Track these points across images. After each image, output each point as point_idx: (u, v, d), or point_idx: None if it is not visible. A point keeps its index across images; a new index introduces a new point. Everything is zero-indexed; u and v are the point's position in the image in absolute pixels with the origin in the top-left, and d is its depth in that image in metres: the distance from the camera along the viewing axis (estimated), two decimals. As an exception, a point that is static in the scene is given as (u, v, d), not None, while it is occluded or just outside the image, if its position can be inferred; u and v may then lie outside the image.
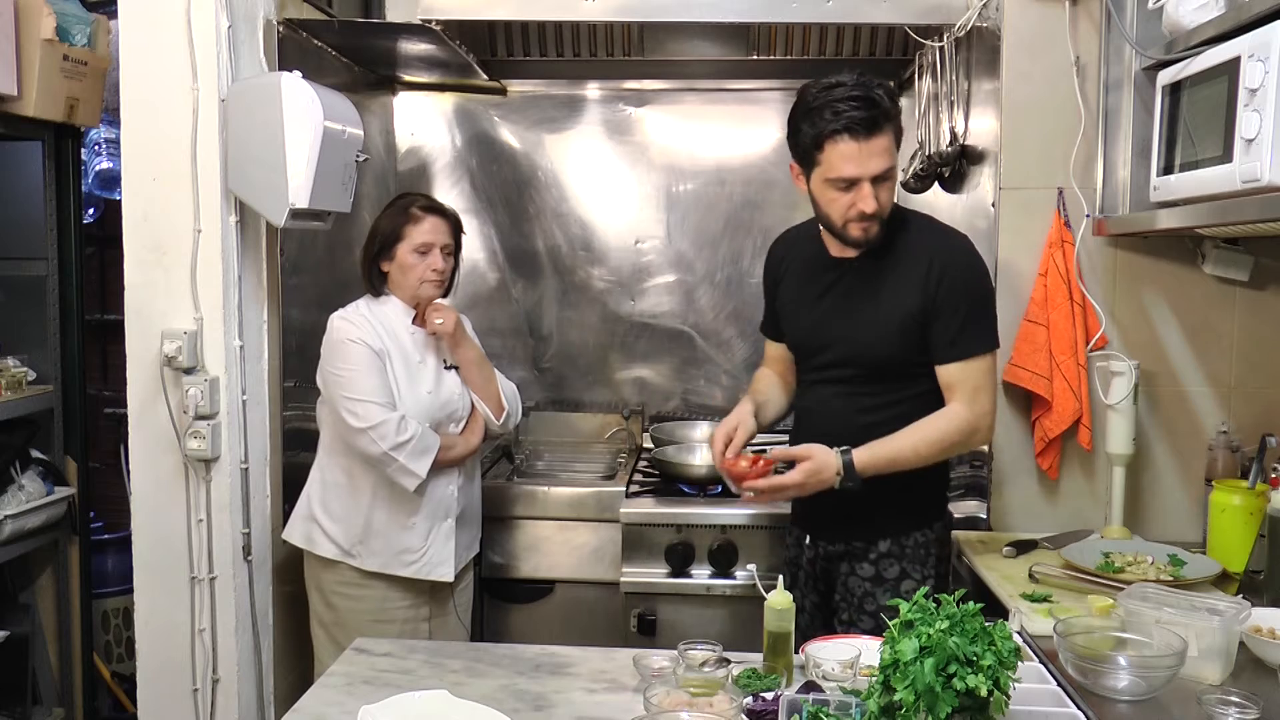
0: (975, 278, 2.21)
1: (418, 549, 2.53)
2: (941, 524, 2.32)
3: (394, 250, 2.53)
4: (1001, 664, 1.38)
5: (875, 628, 2.15)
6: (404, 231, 2.52)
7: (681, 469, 3.07)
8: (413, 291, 2.55)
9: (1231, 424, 2.53)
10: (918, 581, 2.22)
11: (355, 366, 2.43)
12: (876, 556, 2.25)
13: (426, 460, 2.45)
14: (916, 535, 2.24)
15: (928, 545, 2.25)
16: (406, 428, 2.42)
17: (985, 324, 2.20)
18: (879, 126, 2.08)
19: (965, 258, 2.21)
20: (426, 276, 2.53)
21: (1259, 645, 1.81)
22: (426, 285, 2.54)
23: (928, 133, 3.04)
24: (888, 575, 2.24)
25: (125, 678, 3.47)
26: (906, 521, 2.25)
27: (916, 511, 2.27)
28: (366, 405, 2.40)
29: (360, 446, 2.43)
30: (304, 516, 2.56)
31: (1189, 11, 2.14)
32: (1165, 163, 2.21)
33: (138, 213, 2.52)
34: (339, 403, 2.43)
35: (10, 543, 2.88)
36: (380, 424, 2.39)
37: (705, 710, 1.53)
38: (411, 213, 2.54)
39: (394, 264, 2.54)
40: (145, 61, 2.49)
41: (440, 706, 1.68)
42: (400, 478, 2.44)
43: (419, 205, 2.57)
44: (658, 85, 3.66)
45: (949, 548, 2.39)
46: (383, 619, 2.50)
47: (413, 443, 2.42)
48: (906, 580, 2.23)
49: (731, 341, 3.71)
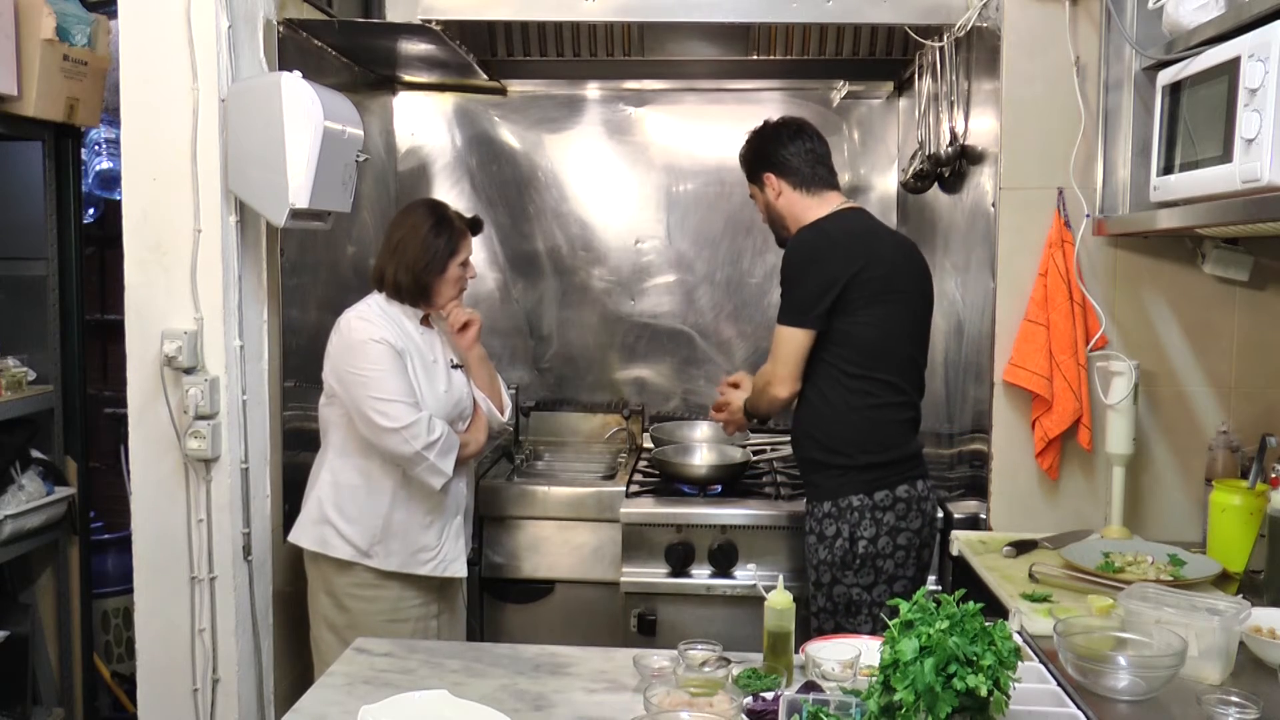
0: (784, 259, 2.54)
1: (433, 547, 2.54)
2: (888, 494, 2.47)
3: (447, 265, 2.56)
4: (1001, 664, 1.38)
5: (815, 579, 2.50)
6: (459, 247, 2.57)
7: (681, 469, 3.07)
8: (447, 299, 2.60)
9: (1231, 424, 2.53)
10: (846, 540, 2.45)
11: (380, 366, 2.43)
12: (820, 516, 2.50)
13: (453, 458, 2.48)
14: (853, 499, 2.46)
15: (863, 510, 2.45)
16: (435, 427, 2.44)
17: (785, 300, 2.51)
18: None
19: (790, 246, 2.55)
20: (463, 286, 2.63)
21: (1259, 645, 1.81)
22: (460, 293, 2.63)
23: (928, 133, 3.04)
24: (827, 533, 2.49)
25: (125, 678, 3.47)
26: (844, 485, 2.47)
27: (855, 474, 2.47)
28: (396, 405, 2.41)
29: (391, 447, 2.43)
30: (316, 520, 2.53)
31: (1189, 11, 2.13)
32: (1165, 163, 2.21)
33: (138, 213, 2.52)
34: (364, 404, 2.42)
35: (10, 543, 2.88)
36: (413, 423, 2.40)
37: (705, 710, 1.53)
38: (460, 228, 2.59)
39: (443, 278, 2.56)
40: (145, 61, 2.49)
41: (440, 706, 1.68)
42: (428, 477, 2.46)
43: (459, 220, 2.61)
44: (658, 85, 3.66)
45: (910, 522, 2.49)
46: (397, 618, 2.51)
47: (441, 441, 2.44)
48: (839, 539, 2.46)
49: (731, 341, 3.71)
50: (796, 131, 2.63)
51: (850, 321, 2.44)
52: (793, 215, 2.60)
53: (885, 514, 2.45)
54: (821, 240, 2.49)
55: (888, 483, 2.47)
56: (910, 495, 2.49)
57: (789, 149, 2.59)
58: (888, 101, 3.66)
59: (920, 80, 3.05)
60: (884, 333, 2.47)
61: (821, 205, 2.58)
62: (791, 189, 2.59)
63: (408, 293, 2.55)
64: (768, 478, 3.18)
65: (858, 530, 2.45)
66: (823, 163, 2.61)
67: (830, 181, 2.62)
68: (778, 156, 2.60)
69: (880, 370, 2.48)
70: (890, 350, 2.49)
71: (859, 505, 2.45)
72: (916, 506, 2.50)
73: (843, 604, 2.46)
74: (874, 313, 2.45)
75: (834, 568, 2.47)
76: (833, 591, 2.48)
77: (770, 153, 2.61)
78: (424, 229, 2.55)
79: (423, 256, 2.53)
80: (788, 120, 2.68)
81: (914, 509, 2.49)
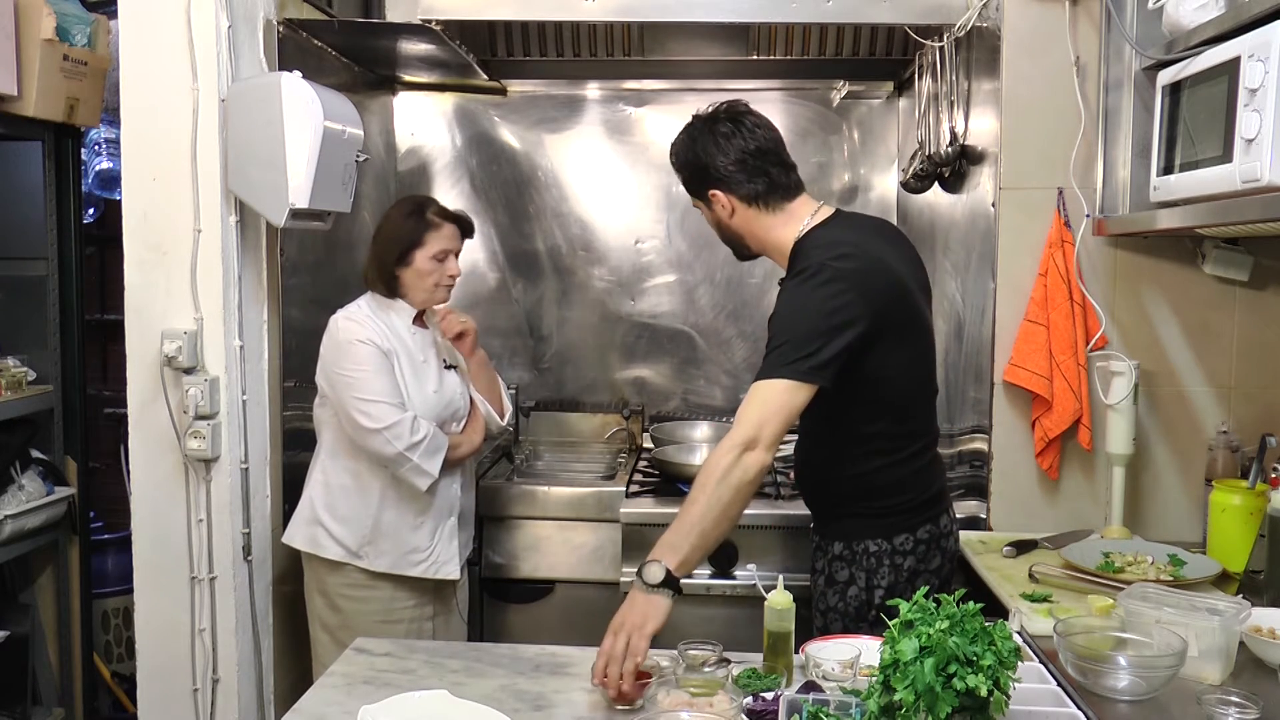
0: (777, 308, 2.03)
1: (425, 548, 2.53)
2: (908, 537, 2.14)
3: (411, 256, 2.50)
4: (1001, 664, 1.37)
5: (823, 626, 2.15)
6: (424, 238, 2.50)
7: (681, 469, 3.06)
8: (426, 296, 2.54)
9: (1231, 424, 2.53)
10: (862, 589, 2.13)
11: (365, 367, 2.42)
12: (830, 558, 2.18)
13: (439, 459, 2.46)
14: (869, 544, 2.13)
15: (880, 555, 2.13)
16: (419, 428, 2.42)
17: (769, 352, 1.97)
18: None
19: (784, 291, 2.05)
20: (442, 282, 2.54)
21: (1259, 645, 1.81)
22: (440, 290, 2.55)
23: (928, 133, 3.04)
24: (839, 578, 2.17)
25: (125, 678, 3.47)
26: (861, 528, 2.14)
27: (873, 519, 2.14)
28: (379, 406, 2.40)
29: (374, 447, 2.42)
30: (307, 520, 2.54)
31: (1189, 11, 2.13)
32: (1165, 163, 2.21)
33: (138, 213, 2.52)
34: (349, 404, 2.42)
35: (10, 543, 2.88)
36: (395, 424, 2.39)
37: (705, 710, 1.53)
38: (430, 219, 2.52)
39: (410, 269, 2.51)
40: (145, 61, 2.49)
41: (440, 706, 1.68)
42: (414, 477, 2.44)
43: (434, 211, 2.55)
44: (658, 85, 3.66)
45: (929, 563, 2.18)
46: (389, 619, 2.50)
47: (426, 442, 2.42)
48: (852, 587, 2.14)
49: (731, 341, 3.71)
50: (733, 129, 2.11)
51: (870, 368, 2.02)
52: (753, 235, 2.16)
53: (905, 559, 2.13)
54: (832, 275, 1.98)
55: (908, 526, 2.13)
56: (932, 534, 2.16)
57: (729, 155, 2.10)
58: (888, 101, 3.66)
59: (920, 80, 3.05)
60: (909, 376, 2.11)
61: (789, 221, 2.11)
62: (745, 205, 2.12)
63: (379, 285, 2.53)
64: (767, 478, 3.18)
65: (874, 578, 2.12)
66: (774, 160, 2.12)
67: (790, 185, 2.13)
68: (718, 167, 2.11)
69: (907, 421, 2.14)
70: (914, 395, 2.15)
71: (876, 551, 2.12)
72: (937, 545, 2.18)
73: None
74: (896, 355, 2.05)
75: (846, 618, 2.14)
76: None
77: (707, 163, 2.12)
78: (396, 219, 2.54)
79: (390, 247, 2.51)
80: (719, 113, 2.15)
81: (934, 548, 2.17)
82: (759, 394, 1.94)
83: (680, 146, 2.18)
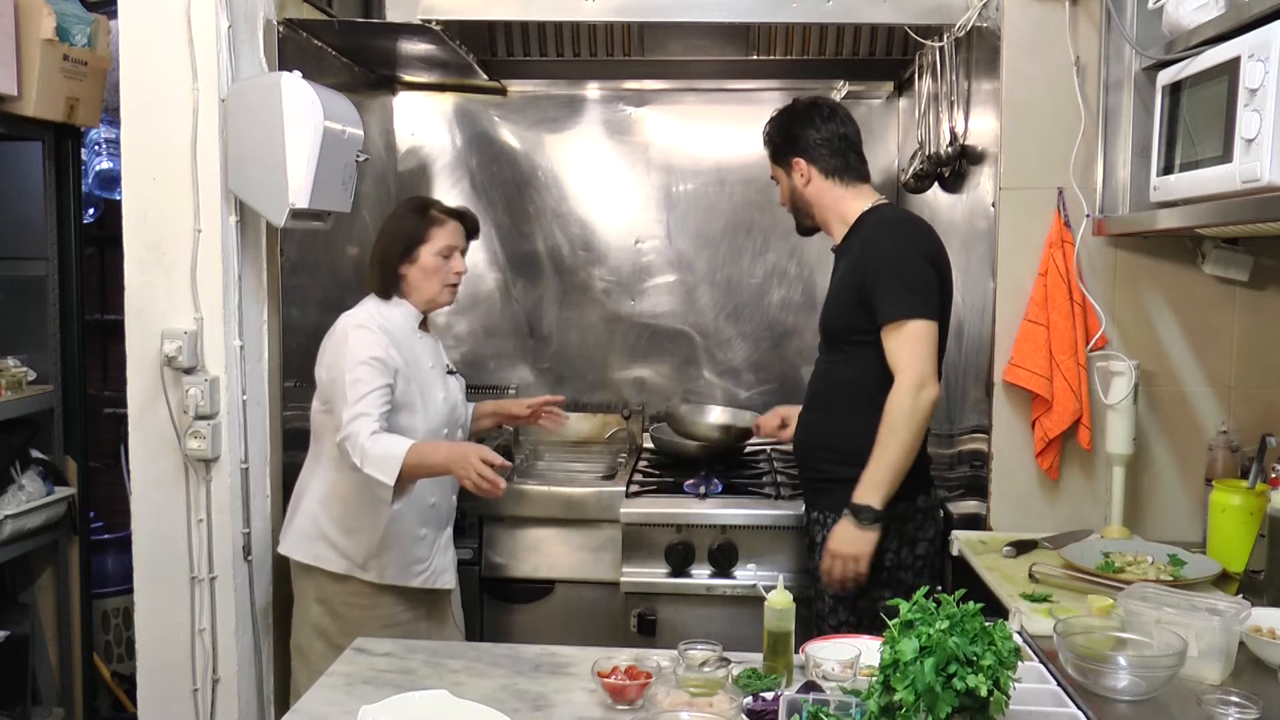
0: (888, 251, 2.34)
1: (425, 559, 2.52)
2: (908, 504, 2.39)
3: (417, 252, 2.47)
4: (1001, 664, 1.38)
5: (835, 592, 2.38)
6: (429, 234, 2.47)
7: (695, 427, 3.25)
8: (432, 295, 2.51)
9: (1231, 424, 2.53)
10: None
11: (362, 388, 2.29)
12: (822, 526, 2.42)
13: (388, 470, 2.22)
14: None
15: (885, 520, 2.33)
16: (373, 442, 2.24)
17: (900, 292, 2.30)
18: None
19: (886, 235, 2.37)
20: (449, 280, 2.51)
21: (1259, 645, 1.81)
22: (446, 290, 2.52)
23: (928, 133, 3.04)
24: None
25: (125, 678, 3.46)
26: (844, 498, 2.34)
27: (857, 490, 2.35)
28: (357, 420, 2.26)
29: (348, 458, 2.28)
30: (308, 535, 2.47)
31: (1189, 11, 2.13)
32: (1165, 163, 2.21)
33: (138, 213, 2.52)
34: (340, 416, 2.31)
35: (10, 543, 2.88)
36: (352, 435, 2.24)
37: (705, 710, 1.53)
38: (434, 215, 2.50)
39: (415, 266, 2.47)
40: (145, 61, 2.49)
41: (440, 706, 1.68)
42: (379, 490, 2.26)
43: (438, 208, 2.53)
44: (658, 85, 3.66)
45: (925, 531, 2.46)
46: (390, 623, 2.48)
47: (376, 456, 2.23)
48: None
49: (731, 341, 3.71)
50: (830, 113, 2.49)
51: None
52: (821, 206, 2.49)
53: (905, 524, 2.40)
54: (923, 232, 2.41)
55: (907, 493, 2.37)
56: (926, 505, 2.46)
57: (821, 132, 2.46)
58: (888, 101, 3.66)
59: (920, 80, 3.05)
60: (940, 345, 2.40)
61: (857, 197, 2.47)
62: (822, 177, 2.47)
63: (382, 282, 2.49)
64: (768, 478, 3.18)
65: (881, 542, 2.33)
66: (855, 150, 2.50)
67: (863, 172, 2.52)
68: (808, 140, 2.47)
69: None
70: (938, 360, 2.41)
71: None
72: (930, 515, 2.47)
73: (868, 619, 2.35)
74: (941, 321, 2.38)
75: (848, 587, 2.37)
76: (857, 605, 2.38)
77: (800, 135, 2.48)
78: (400, 216, 2.53)
79: (394, 243, 2.48)
80: (820, 100, 2.53)
81: (929, 518, 2.47)
82: (908, 335, 2.29)
83: (780, 118, 2.53)
